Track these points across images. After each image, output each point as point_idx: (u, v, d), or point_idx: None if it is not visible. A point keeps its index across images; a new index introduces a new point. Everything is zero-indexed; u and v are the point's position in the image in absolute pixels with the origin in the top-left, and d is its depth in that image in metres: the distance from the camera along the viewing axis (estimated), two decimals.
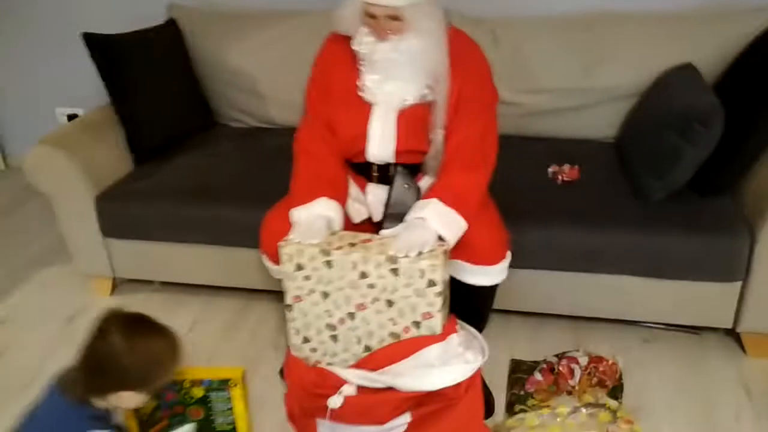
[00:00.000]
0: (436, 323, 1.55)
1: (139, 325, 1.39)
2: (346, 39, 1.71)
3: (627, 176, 2.07)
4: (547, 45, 2.29)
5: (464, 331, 1.64)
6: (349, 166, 1.81)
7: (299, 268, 1.56)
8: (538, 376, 1.83)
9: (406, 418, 1.60)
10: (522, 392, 1.81)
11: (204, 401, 1.64)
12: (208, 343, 2.11)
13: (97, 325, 1.36)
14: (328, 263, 1.54)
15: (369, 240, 1.58)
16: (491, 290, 1.79)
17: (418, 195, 1.72)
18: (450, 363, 1.55)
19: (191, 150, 2.40)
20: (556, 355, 1.89)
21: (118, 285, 2.37)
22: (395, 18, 1.58)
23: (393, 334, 1.58)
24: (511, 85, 2.27)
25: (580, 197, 2.00)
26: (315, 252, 1.54)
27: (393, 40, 1.61)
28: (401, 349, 1.57)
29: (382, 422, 1.59)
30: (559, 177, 2.10)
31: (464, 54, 1.69)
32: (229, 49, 2.49)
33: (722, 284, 1.87)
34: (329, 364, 1.64)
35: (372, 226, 1.79)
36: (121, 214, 2.17)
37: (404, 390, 1.54)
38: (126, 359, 1.32)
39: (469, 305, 1.75)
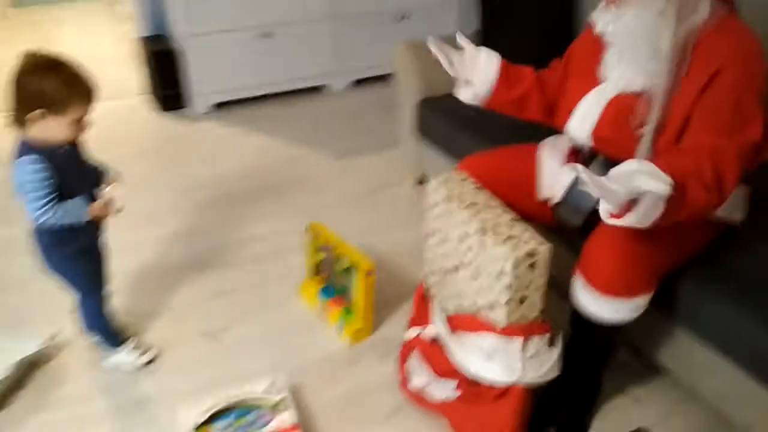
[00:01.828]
0: (500, 316, 1.48)
1: (51, 59, 1.56)
2: None
3: None
4: None
5: (540, 344, 1.50)
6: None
7: (435, 205, 1.67)
8: None
9: (453, 385, 1.62)
10: None
11: (348, 271, 1.94)
12: None
13: (19, 62, 1.58)
14: (449, 212, 1.60)
15: (493, 207, 1.56)
16: (602, 328, 1.52)
17: None
18: (493, 360, 1.49)
19: None
20: None
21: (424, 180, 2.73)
22: None
23: (472, 305, 1.58)
24: None
25: None
26: (442, 196, 1.62)
27: (615, 10, 1.48)
28: (470, 323, 1.57)
29: (437, 372, 1.65)
30: None
31: (730, 61, 1.38)
32: None
33: None
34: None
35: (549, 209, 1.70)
36: (431, 122, 2.49)
37: (449, 357, 1.57)
38: (29, 80, 1.52)
39: (581, 336, 1.57)
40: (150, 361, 1.86)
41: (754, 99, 1.40)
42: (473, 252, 1.53)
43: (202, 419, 1.57)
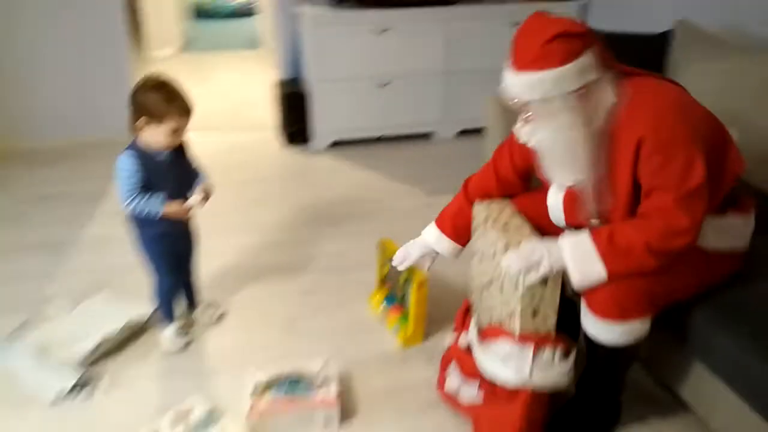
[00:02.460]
0: (515, 325, 1.69)
1: (160, 80, 1.92)
2: None
3: None
4: None
5: (551, 355, 1.68)
6: None
7: (476, 227, 1.92)
8: None
9: (475, 384, 1.83)
10: None
11: (407, 282, 2.19)
12: None
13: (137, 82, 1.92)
14: (484, 232, 1.84)
15: (522, 229, 1.77)
16: (615, 350, 1.66)
17: None
18: (507, 364, 1.69)
19: None
20: None
21: None
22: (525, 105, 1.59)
23: (498, 316, 1.79)
24: None
25: None
26: (482, 218, 1.86)
27: (530, 126, 1.62)
28: (494, 331, 1.78)
29: (465, 374, 1.87)
30: None
31: (646, 129, 1.52)
32: None
33: None
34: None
35: None
36: None
37: (476, 361, 1.79)
38: (139, 94, 1.88)
39: (597, 359, 1.73)
40: (187, 344, 2.19)
41: (682, 149, 1.50)
42: (500, 267, 1.75)
43: (264, 382, 1.89)
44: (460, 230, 2.01)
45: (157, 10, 5.97)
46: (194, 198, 2.01)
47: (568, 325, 1.77)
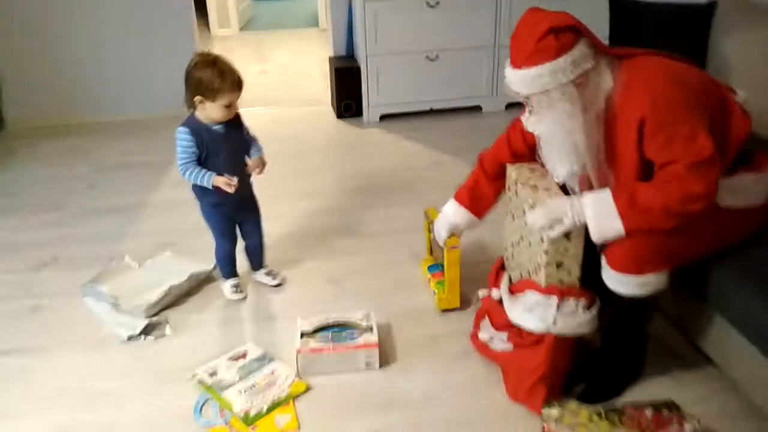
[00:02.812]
0: (541, 277, 1.81)
1: (211, 57, 2.02)
2: None
3: None
4: None
5: (575, 305, 1.79)
6: None
7: (508, 189, 2.04)
8: (648, 413, 1.76)
9: (504, 335, 1.96)
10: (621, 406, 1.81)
11: (443, 248, 2.33)
12: None
13: (192, 60, 2.04)
14: (516, 192, 1.96)
15: (550, 189, 1.86)
16: (634, 301, 1.74)
17: None
18: (533, 312, 1.82)
19: None
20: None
21: None
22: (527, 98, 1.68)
23: (526, 272, 1.91)
24: None
25: None
26: (513, 179, 1.98)
27: (534, 117, 1.73)
28: (522, 284, 1.90)
29: (495, 327, 2.00)
30: None
31: (643, 108, 1.60)
32: None
33: None
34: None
35: None
36: None
37: (506, 313, 1.92)
38: (193, 73, 2.00)
39: (620, 310, 1.83)
40: (243, 299, 2.37)
41: (683, 123, 1.58)
42: (529, 224, 1.87)
43: (311, 329, 2.07)
44: (476, 201, 2.14)
45: None
46: (249, 166, 2.16)
47: (598, 282, 1.88)
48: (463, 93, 4.12)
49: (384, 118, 4.10)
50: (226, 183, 2.10)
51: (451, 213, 2.18)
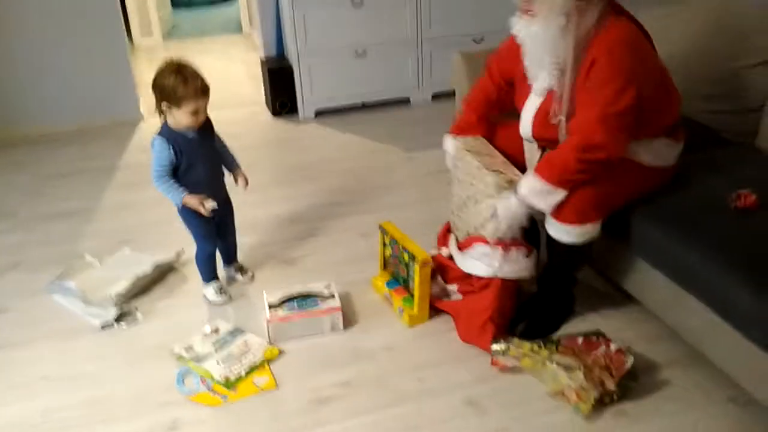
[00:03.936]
0: (489, 231, 2.06)
1: (176, 64, 2.03)
2: None
3: None
4: None
5: (517, 254, 2.06)
6: None
7: (455, 158, 2.29)
8: (580, 340, 2.04)
9: (455, 287, 2.21)
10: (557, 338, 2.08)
11: (408, 264, 2.35)
12: None
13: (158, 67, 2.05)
14: (463, 158, 2.20)
15: (494, 155, 2.13)
16: (570, 249, 2.01)
17: None
18: (481, 261, 2.07)
19: None
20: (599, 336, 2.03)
21: None
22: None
23: (473, 229, 2.17)
24: None
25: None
26: (461, 149, 2.22)
27: (526, 20, 1.88)
28: (470, 240, 2.16)
29: (445, 280, 2.25)
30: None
31: (600, 52, 1.81)
32: None
33: None
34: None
35: None
36: None
37: (456, 266, 2.17)
38: (158, 80, 2.03)
39: (557, 258, 2.11)
40: (227, 300, 2.42)
41: (621, 77, 1.78)
42: (475, 184, 2.12)
43: (277, 301, 2.25)
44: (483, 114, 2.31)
45: (139, 0, 6.26)
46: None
47: (533, 237, 2.17)
48: (391, 86, 4.36)
49: (319, 114, 4.29)
50: (199, 204, 2.13)
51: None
